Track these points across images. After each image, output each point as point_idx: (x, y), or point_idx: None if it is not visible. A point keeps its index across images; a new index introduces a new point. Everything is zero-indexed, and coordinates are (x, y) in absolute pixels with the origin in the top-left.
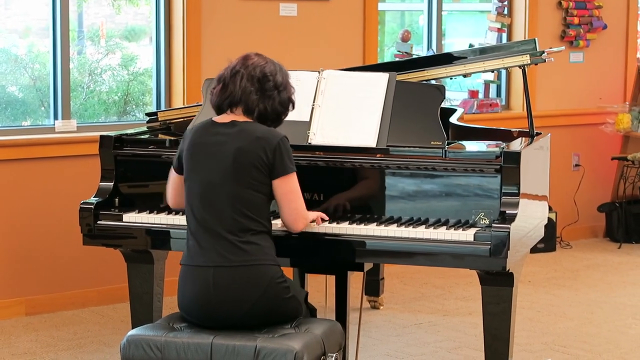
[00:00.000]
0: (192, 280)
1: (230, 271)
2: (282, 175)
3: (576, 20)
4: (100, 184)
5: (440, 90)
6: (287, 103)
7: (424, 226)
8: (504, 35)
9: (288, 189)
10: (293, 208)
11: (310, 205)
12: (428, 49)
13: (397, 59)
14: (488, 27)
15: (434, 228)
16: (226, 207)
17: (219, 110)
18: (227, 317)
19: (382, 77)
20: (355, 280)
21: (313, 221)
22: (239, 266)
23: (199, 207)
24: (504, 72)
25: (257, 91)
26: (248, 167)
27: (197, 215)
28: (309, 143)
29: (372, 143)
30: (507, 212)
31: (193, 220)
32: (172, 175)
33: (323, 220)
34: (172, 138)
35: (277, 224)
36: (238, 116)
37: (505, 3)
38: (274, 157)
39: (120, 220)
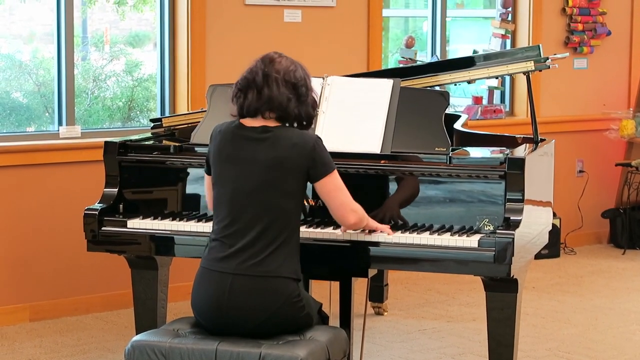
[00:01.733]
0: (209, 283)
1: (248, 281)
2: (323, 177)
3: (580, 27)
4: (105, 190)
5: (444, 97)
6: (316, 105)
7: (428, 232)
8: (508, 42)
9: (331, 187)
10: (339, 204)
11: (315, 212)
12: (432, 55)
13: (401, 65)
14: (492, 33)
15: (438, 234)
16: (257, 216)
17: (253, 115)
18: (237, 326)
19: (387, 83)
20: (359, 287)
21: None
22: (258, 277)
23: (228, 214)
24: (508, 78)
25: (295, 98)
26: (285, 175)
27: (225, 222)
28: None
29: (376, 149)
30: (511, 218)
31: (219, 225)
32: (207, 181)
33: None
34: (177, 144)
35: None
36: (268, 121)
37: (509, 9)
38: (312, 160)
39: (125, 226)
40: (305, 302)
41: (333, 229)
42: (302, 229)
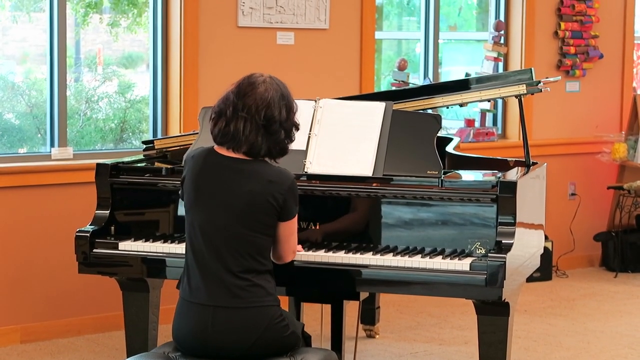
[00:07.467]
0: (190, 315)
1: (231, 312)
2: (288, 219)
3: (572, 50)
4: (96, 212)
5: (436, 119)
6: (292, 132)
7: (419, 255)
8: (501, 65)
9: (290, 231)
10: (289, 247)
11: (307, 235)
12: (425, 78)
13: (393, 88)
14: (484, 56)
15: (429, 257)
16: (230, 250)
17: (222, 145)
18: (223, 354)
19: (379, 106)
20: (351, 309)
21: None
22: (240, 308)
23: (202, 245)
24: (500, 101)
25: (263, 136)
26: (258, 212)
27: (199, 253)
28: (305, 172)
29: (368, 172)
30: (503, 241)
31: (194, 256)
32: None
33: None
34: (169, 166)
35: None
36: (238, 154)
37: (502, 32)
38: (284, 201)
39: (116, 248)
40: (289, 320)
41: (325, 252)
42: None
